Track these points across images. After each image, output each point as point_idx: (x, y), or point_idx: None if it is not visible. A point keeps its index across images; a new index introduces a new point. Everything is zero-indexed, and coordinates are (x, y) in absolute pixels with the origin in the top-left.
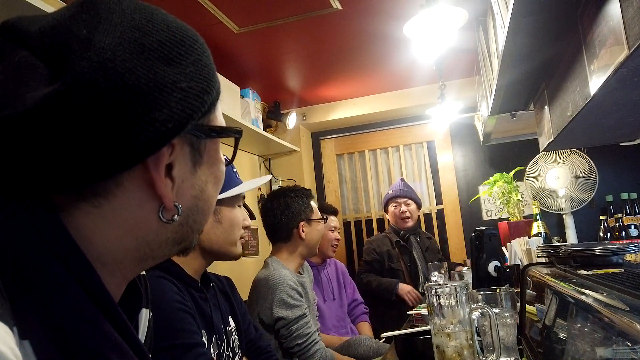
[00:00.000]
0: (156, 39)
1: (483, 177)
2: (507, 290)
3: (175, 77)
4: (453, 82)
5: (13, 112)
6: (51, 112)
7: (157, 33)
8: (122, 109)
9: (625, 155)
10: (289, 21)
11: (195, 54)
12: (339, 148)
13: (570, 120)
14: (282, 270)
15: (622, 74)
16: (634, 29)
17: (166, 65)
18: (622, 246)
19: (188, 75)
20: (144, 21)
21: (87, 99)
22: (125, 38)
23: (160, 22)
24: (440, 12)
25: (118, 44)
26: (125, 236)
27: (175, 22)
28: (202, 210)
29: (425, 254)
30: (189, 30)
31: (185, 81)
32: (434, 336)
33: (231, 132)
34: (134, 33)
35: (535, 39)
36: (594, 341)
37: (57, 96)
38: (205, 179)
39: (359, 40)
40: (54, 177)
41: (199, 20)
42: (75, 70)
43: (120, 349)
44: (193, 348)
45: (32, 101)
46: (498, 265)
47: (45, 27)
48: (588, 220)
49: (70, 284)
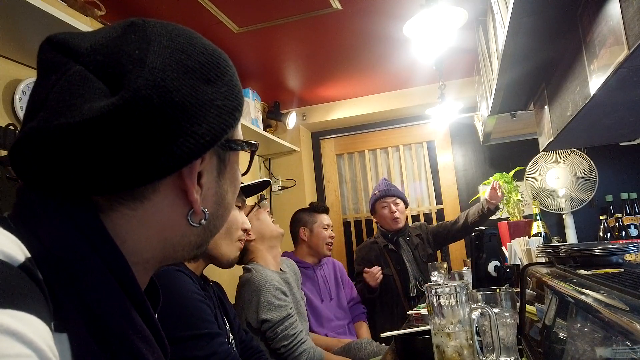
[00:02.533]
0: (197, 60)
1: (483, 177)
2: (507, 290)
3: (212, 95)
4: (453, 82)
5: (71, 121)
6: (107, 123)
7: (198, 55)
8: (169, 123)
9: (625, 155)
10: (289, 21)
11: (228, 75)
12: (339, 148)
13: (570, 120)
14: (264, 271)
15: (622, 73)
16: (634, 29)
17: (205, 85)
18: (621, 246)
19: (223, 93)
20: (186, 44)
21: (141, 113)
22: (173, 59)
23: (199, 45)
24: (440, 12)
25: (167, 64)
26: (155, 237)
27: (211, 45)
28: (222, 216)
29: (415, 252)
30: (222, 53)
31: (221, 99)
32: (434, 336)
33: (251, 146)
34: (179, 55)
35: (535, 38)
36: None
37: (115, 109)
38: (227, 188)
39: (358, 40)
40: (100, 180)
41: (199, 19)
42: (132, 87)
43: (148, 340)
44: (216, 337)
45: (89, 112)
46: (498, 265)
47: (96, 45)
48: (588, 220)
49: (108, 279)
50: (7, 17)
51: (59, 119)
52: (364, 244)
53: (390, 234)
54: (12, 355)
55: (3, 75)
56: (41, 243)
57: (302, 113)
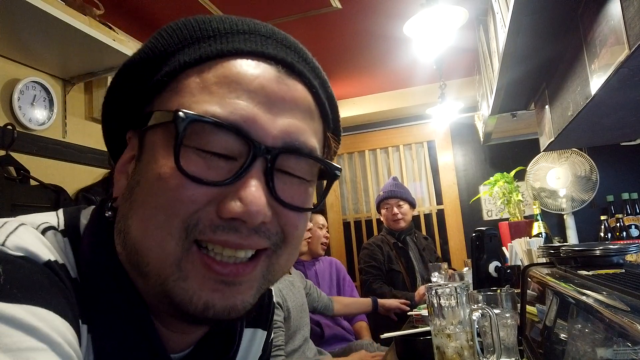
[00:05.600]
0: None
1: (483, 177)
2: (507, 290)
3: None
4: (453, 81)
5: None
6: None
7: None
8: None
9: (626, 155)
10: (289, 20)
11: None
12: (339, 148)
13: (571, 120)
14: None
15: (623, 73)
16: (635, 29)
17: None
18: (622, 246)
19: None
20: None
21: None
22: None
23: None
24: (441, 11)
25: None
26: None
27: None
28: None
29: (422, 253)
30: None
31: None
32: (434, 337)
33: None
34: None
35: (536, 38)
36: (594, 342)
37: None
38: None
39: (359, 39)
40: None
41: None
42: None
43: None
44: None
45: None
46: (498, 265)
47: None
48: (589, 221)
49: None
50: (5, 16)
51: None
52: (372, 240)
53: (397, 233)
54: (24, 349)
55: (1, 75)
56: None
57: None
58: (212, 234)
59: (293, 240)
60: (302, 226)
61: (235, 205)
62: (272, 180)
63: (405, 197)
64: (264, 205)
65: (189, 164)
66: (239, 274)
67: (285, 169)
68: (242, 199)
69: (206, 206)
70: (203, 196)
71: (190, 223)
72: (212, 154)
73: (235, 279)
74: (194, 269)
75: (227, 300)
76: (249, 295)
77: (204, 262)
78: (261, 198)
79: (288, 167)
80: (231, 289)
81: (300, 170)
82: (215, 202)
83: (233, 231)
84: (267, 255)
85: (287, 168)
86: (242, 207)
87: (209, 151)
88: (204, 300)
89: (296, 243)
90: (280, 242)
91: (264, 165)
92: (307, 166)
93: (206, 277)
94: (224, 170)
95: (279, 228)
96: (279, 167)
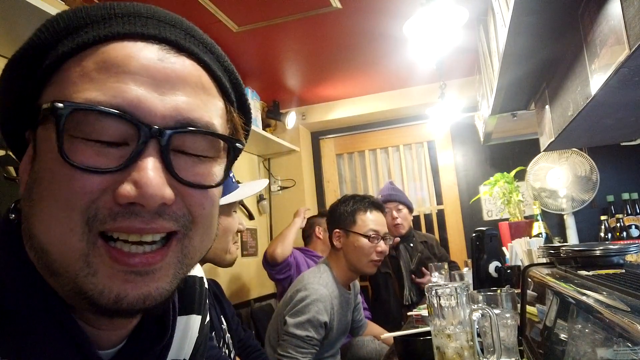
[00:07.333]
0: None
1: (484, 177)
2: (507, 291)
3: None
4: (453, 81)
5: None
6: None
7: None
8: None
9: (626, 156)
10: (289, 20)
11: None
12: (339, 148)
13: (571, 120)
14: (322, 289)
15: (623, 73)
16: (635, 29)
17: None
18: (623, 247)
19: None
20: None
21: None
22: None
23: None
24: (441, 11)
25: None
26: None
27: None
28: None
29: (412, 261)
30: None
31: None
32: (434, 337)
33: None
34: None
35: (536, 38)
36: (594, 342)
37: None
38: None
39: (358, 39)
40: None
41: (198, 18)
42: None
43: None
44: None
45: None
46: (499, 265)
47: None
48: (589, 221)
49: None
50: (4, 16)
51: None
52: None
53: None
54: None
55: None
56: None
57: (301, 113)
58: (113, 222)
59: (202, 220)
60: (209, 204)
61: (129, 188)
62: (169, 161)
63: (403, 201)
64: (159, 186)
65: (76, 155)
66: (149, 263)
67: (182, 149)
68: (136, 182)
69: (102, 195)
70: (97, 185)
71: (90, 215)
72: (102, 142)
73: (147, 268)
74: (102, 263)
75: (140, 290)
76: (164, 282)
77: (112, 255)
78: (155, 179)
79: (185, 145)
80: (144, 278)
81: (198, 148)
82: (111, 189)
83: (134, 216)
84: (178, 240)
85: (184, 147)
86: (135, 190)
87: (98, 140)
88: (115, 293)
89: (207, 223)
90: (189, 224)
91: (157, 146)
92: (206, 142)
93: (115, 270)
94: (116, 157)
95: (186, 209)
96: (175, 147)
